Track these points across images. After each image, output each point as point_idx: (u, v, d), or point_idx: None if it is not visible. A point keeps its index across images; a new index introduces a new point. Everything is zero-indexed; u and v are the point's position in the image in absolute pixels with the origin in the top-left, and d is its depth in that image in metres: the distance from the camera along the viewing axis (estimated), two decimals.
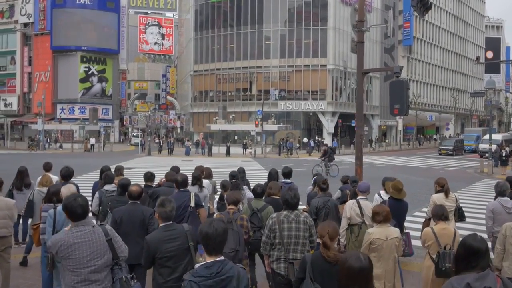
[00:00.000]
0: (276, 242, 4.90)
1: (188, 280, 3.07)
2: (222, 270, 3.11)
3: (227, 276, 3.11)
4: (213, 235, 3.13)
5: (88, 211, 3.96)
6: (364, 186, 6.50)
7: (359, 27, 8.57)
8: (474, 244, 3.15)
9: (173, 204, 4.36)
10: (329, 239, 3.84)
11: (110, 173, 7.48)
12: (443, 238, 5.23)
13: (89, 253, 3.75)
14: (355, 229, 6.19)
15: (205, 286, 3.05)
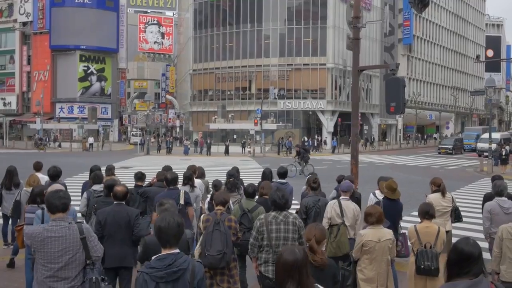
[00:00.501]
0: (264, 244, 4.74)
1: (141, 271, 3.15)
2: (175, 263, 3.15)
3: (179, 269, 3.14)
4: (165, 228, 3.18)
5: (69, 206, 3.94)
6: (346, 186, 6.30)
7: (354, 23, 8.40)
8: (466, 249, 2.97)
9: (172, 202, 4.23)
10: (315, 243, 3.67)
11: (99, 173, 7.32)
12: (425, 236, 5.22)
13: (60, 248, 3.73)
14: (334, 230, 5.99)
15: (156, 278, 3.10)
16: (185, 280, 3.15)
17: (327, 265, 3.61)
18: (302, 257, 2.75)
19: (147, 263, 3.22)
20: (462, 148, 44.91)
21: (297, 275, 2.70)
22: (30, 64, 62.34)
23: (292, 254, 2.77)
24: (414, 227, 5.39)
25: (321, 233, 3.69)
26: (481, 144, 38.90)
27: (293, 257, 2.75)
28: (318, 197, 6.54)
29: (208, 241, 4.97)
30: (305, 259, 2.76)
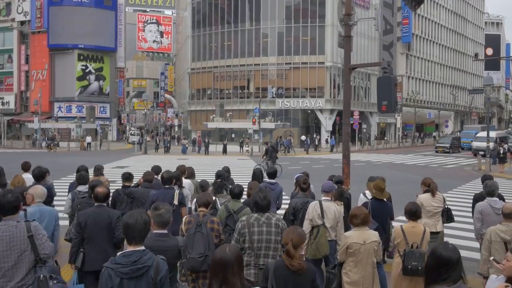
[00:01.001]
0: (246, 246, 4.62)
1: (106, 266, 3.19)
2: (140, 259, 3.19)
3: (144, 265, 3.19)
4: (132, 225, 3.24)
5: (19, 207, 4.01)
6: (328, 186, 6.17)
7: (346, 21, 8.29)
8: (445, 254, 2.86)
9: (168, 207, 4.10)
10: (292, 248, 3.56)
11: (84, 173, 7.21)
12: (411, 236, 5.17)
13: (8, 248, 3.76)
14: (314, 231, 5.89)
15: (121, 273, 3.14)
16: (148, 276, 3.20)
17: (305, 270, 3.50)
18: (230, 257, 2.79)
19: (112, 258, 3.25)
20: (460, 147, 44.42)
21: (222, 273, 2.75)
22: (28, 63, 62.23)
23: (220, 252, 2.86)
24: (401, 227, 5.32)
25: (299, 237, 3.57)
26: (477, 143, 38.32)
27: (220, 255, 2.84)
28: (307, 198, 6.43)
29: (189, 243, 4.86)
30: (233, 259, 2.79)
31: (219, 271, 2.79)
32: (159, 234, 4.00)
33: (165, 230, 4.05)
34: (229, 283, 2.75)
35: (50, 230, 5.28)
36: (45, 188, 7.35)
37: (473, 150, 38.16)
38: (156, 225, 4.01)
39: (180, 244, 4.08)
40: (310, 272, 3.59)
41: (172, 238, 4.10)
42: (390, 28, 62.17)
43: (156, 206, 4.07)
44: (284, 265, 3.56)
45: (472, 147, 38.94)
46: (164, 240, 3.98)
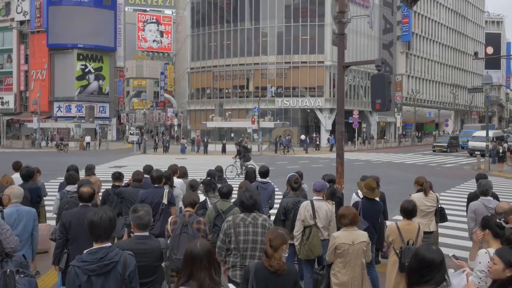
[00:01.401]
0: (232, 247, 4.53)
1: (72, 265, 3.19)
2: (107, 256, 3.20)
3: (111, 261, 3.20)
4: (97, 222, 3.27)
5: None
6: (319, 185, 6.05)
7: (339, 18, 8.19)
8: (428, 256, 2.77)
9: (147, 209, 3.99)
10: (270, 248, 3.46)
11: (73, 173, 7.11)
12: (406, 234, 5.17)
13: None
14: (306, 232, 5.80)
15: (88, 271, 3.15)
16: (116, 272, 3.21)
17: (284, 271, 3.40)
18: (199, 251, 2.82)
19: (79, 256, 3.26)
20: (458, 146, 43.87)
21: (190, 267, 2.79)
22: (27, 63, 62.18)
23: (191, 246, 2.90)
24: (396, 225, 5.30)
25: (277, 239, 3.45)
26: (473, 142, 37.58)
27: (190, 249, 2.87)
28: (298, 198, 6.32)
29: (175, 244, 4.77)
30: (202, 253, 2.81)
31: (188, 265, 2.82)
32: (140, 236, 3.90)
33: (146, 232, 3.95)
34: (195, 276, 2.77)
35: (29, 230, 5.19)
36: (35, 188, 7.32)
37: (469, 149, 37.47)
38: (136, 227, 3.91)
39: (162, 246, 3.98)
40: (291, 273, 3.50)
41: (153, 240, 4.00)
42: (390, 27, 62.04)
43: (135, 208, 3.96)
44: (264, 266, 3.47)
45: (468, 147, 38.22)
46: (145, 243, 3.88)
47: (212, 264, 2.88)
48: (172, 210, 6.05)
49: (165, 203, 6.03)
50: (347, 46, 51.51)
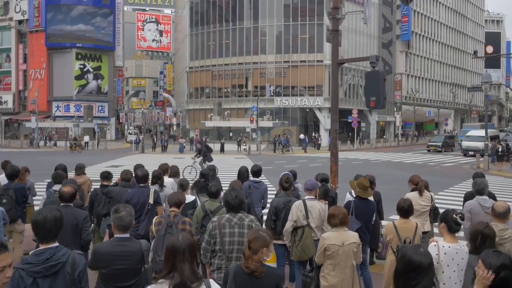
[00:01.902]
0: (217, 249, 4.37)
1: (16, 267, 3.07)
2: (53, 256, 3.11)
3: (58, 262, 3.11)
4: (41, 222, 3.16)
5: None
6: (310, 184, 5.89)
7: (333, 14, 8.03)
8: (415, 258, 2.62)
9: (128, 209, 3.85)
10: (247, 249, 3.31)
11: (60, 172, 6.96)
12: (403, 232, 5.09)
13: None
14: (299, 232, 5.64)
15: (33, 273, 3.04)
16: (65, 273, 3.11)
17: (262, 273, 3.24)
18: (181, 244, 2.81)
19: (24, 258, 3.19)
20: (453, 145, 42.79)
21: (172, 259, 2.77)
22: (26, 62, 62.08)
23: (172, 240, 2.89)
24: (393, 223, 5.23)
25: (258, 241, 3.29)
26: (467, 142, 36.34)
27: (172, 243, 2.86)
28: (289, 198, 6.16)
29: (159, 245, 4.62)
30: (184, 246, 2.80)
31: (170, 258, 2.80)
32: (120, 238, 3.76)
33: (127, 234, 3.81)
34: (177, 269, 2.75)
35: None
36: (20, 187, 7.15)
37: (463, 149, 36.25)
38: (116, 228, 3.77)
39: (144, 248, 3.83)
40: (272, 277, 3.33)
41: (134, 242, 3.85)
42: (389, 26, 61.87)
43: (116, 209, 3.82)
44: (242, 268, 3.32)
45: (462, 147, 37.02)
46: (125, 245, 3.74)
47: (194, 257, 2.85)
48: (158, 210, 5.89)
49: (151, 203, 5.87)
50: (346, 45, 51.52)
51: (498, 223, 4.70)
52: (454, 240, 3.98)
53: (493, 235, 3.86)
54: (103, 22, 61.04)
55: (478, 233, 3.85)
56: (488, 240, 3.83)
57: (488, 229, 3.87)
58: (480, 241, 3.81)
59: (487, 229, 3.87)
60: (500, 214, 4.68)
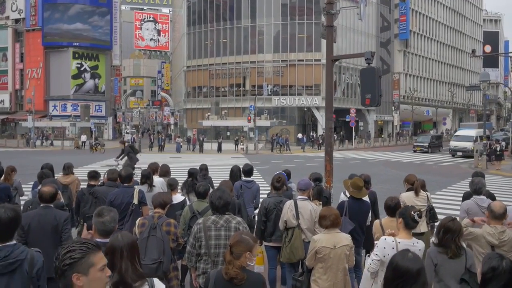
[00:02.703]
0: (202, 252, 4.17)
1: None
2: (11, 254, 3.07)
3: (16, 260, 3.07)
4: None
5: None
6: (304, 184, 5.68)
7: (328, 9, 7.83)
8: (402, 264, 2.42)
9: (113, 215, 3.63)
10: (229, 254, 3.10)
11: (46, 171, 6.77)
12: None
13: None
14: (289, 233, 5.45)
15: None
16: (23, 270, 3.08)
17: (243, 280, 3.04)
18: (120, 242, 2.76)
19: None
20: (440, 145, 40.73)
21: (111, 258, 2.70)
22: (23, 61, 61.71)
23: (112, 239, 2.87)
24: (379, 222, 5.15)
25: (240, 245, 3.09)
26: (455, 142, 34.56)
27: (111, 242, 2.83)
28: (280, 198, 5.95)
29: (142, 248, 4.40)
30: (122, 245, 2.75)
31: (109, 257, 2.70)
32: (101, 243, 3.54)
33: (107, 239, 3.59)
34: (116, 268, 2.69)
35: None
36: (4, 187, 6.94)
37: (451, 150, 34.56)
38: (97, 232, 3.55)
39: None
40: (255, 284, 3.13)
41: None
42: (388, 25, 61.67)
43: (100, 212, 3.59)
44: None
45: (450, 147, 35.10)
46: None
47: (135, 256, 2.78)
48: (144, 211, 5.68)
49: (135, 203, 5.66)
50: (344, 44, 51.36)
51: (496, 225, 4.51)
52: (408, 236, 4.05)
53: (457, 229, 3.86)
54: (100, 21, 60.76)
55: (441, 226, 3.91)
56: (450, 233, 3.82)
57: (452, 223, 3.87)
58: (442, 234, 3.84)
59: (451, 223, 3.87)
60: (499, 215, 4.49)
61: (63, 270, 2.15)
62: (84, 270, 2.16)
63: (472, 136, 34.13)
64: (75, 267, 2.15)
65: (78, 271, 2.15)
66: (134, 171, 7.86)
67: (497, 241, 4.40)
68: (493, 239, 4.42)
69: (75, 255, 2.17)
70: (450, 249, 3.75)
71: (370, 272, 4.14)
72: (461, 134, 35.98)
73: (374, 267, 4.10)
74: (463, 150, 32.95)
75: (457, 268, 3.76)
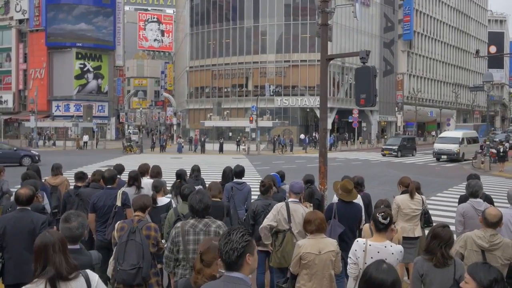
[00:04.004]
0: (180, 257, 3.99)
1: None
2: None
3: None
4: None
5: None
6: (297, 187, 5.46)
7: (322, 7, 7.65)
8: (375, 276, 2.26)
9: (81, 220, 3.44)
10: (199, 262, 2.93)
11: (30, 172, 6.61)
12: None
13: None
14: (280, 237, 5.24)
15: None
16: None
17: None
18: (50, 238, 2.75)
19: None
20: (414, 149, 37.07)
21: (44, 254, 2.71)
22: (26, 62, 61.89)
23: (40, 237, 2.82)
24: (369, 225, 4.87)
25: (211, 252, 2.92)
26: (439, 144, 31.87)
27: (40, 240, 2.79)
28: (269, 201, 5.76)
29: (121, 253, 4.24)
30: (54, 239, 2.75)
31: (40, 254, 2.74)
32: (69, 250, 3.36)
33: (77, 246, 3.42)
34: (50, 262, 2.69)
35: None
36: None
37: (435, 153, 31.74)
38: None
39: (95, 262, 3.45)
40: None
41: (84, 254, 3.47)
42: (391, 25, 61.34)
43: (67, 218, 3.40)
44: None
45: (434, 150, 32.30)
46: (74, 258, 3.34)
47: (66, 250, 2.80)
48: (128, 213, 5.52)
49: (118, 206, 5.50)
50: (347, 44, 51.13)
51: (487, 228, 4.32)
52: (380, 239, 3.98)
53: (445, 237, 3.66)
54: (103, 22, 60.78)
55: (430, 231, 3.78)
56: (437, 239, 3.64)
57: (441, 229, 3.70)
58: (430, 239, 3.69)
59: (440, 229, 3.70)
60: (492, 224, 4.29)
61: (241, 252, 2.44)
62: (252, 250, 2.50)
63: (458, 137, 31.50)
64: (247, 248, 2.47)
65: (249, 251, 2.48)
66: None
67: (488, 244, 4.21)
68: (483, 242, 4.23)
69: (247, 238, 2.50)
70: (436, 256, 3.56)
71: (352, 278, 3.99)
72: (446, 135, 33.38)
73: (353, 271, 3.98)
74: (447, 153, 30.48)
75: (444, 279, 3.56)
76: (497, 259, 4.15)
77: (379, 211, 4.06)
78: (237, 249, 2.43)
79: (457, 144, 30.63)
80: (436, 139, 34.85)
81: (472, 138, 33.40)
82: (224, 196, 6.79)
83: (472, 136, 33.98)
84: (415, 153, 37.02)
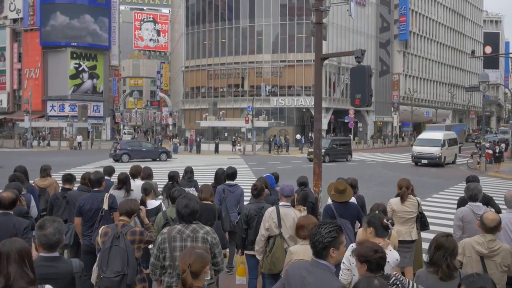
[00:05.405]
0: (166, 265, 3.82)
1: None
2: None
3: None
4: None
5: None
6: (287, 190, 5.30)
7: (317, 6, 7.49)
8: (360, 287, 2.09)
9: (57, 225, 3.24)
10: (189, 275, 2.76)
11: (18, 174, 6.41)
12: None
13: None
14: (270, 243, 5.09)
15: None
16: None
17: None
18: (6, 248, 2.63)
19: None
20: (348, 153, 32.68)
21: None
22: (21, 61, 61.49)
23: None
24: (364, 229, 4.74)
25: (199, 261, 2.76)
26: (418, 147, 28.24)
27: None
28: (262, 204, 5.60)
29: (104, 259, 4.06)
30: (10, 249, 2.62)
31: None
32: (46, 258, 3.15)
33: (55, 253, 3.23)
34: (2, 272, 2.57)
35: None
36: None
37: (414, 157, 28.26)
38: (41, 247, 3.19)
39: (75, 270, 3.25)
40: None
41: (64, 262, 3.27)
42: (387, 25, 61.34)
43: (41, 224, 3.20)
44: None
45: (413, 153, 28.70)
46: (52, 266, 3.14)
47: (25, 261, 2.64)
48: (115, 217, 5.33)
49: (105, 209, 5.32)
50: (343, 44, 51.02)
51: (486, 234, 4.18)
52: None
53: (450, 247, 3.44)
54: (98, 21, 60.46)
55: (433, 241, 3.53)
56: (442, 250, 3.42)
57: (445, 239, 3.48)
58: (434, 250, 3.46)
59: (444, 239, 3.48)
60: (490, 229, 4.15)
61: (326, 245, 2.86)
62: (337, 246, 2.89)
63: (439, 139, 28.03)
64: (333, 243, 2.87)
65: (334, 246, 2.87)
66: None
67: (487, 251, 4.07)
68: (482, 249, 4.09)
69: (334, 234, 2.90)
70: (441, 269, 3.36)
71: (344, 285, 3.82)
72: (426, 137, 29.63)
73: (346, 277, 3.83)
74: (428, 157, 27.12)
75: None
76: (497, 265, 4.01)
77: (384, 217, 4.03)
78: (322, 242, 2.86)
79: (438, 147, 27.28)
80: (415, 140, 30.96)
81: (452, 139, 30.36)
82: (216, 199, 6.62)
83: (452, 137, 30.78)
84: (350, 157, 32.52)
